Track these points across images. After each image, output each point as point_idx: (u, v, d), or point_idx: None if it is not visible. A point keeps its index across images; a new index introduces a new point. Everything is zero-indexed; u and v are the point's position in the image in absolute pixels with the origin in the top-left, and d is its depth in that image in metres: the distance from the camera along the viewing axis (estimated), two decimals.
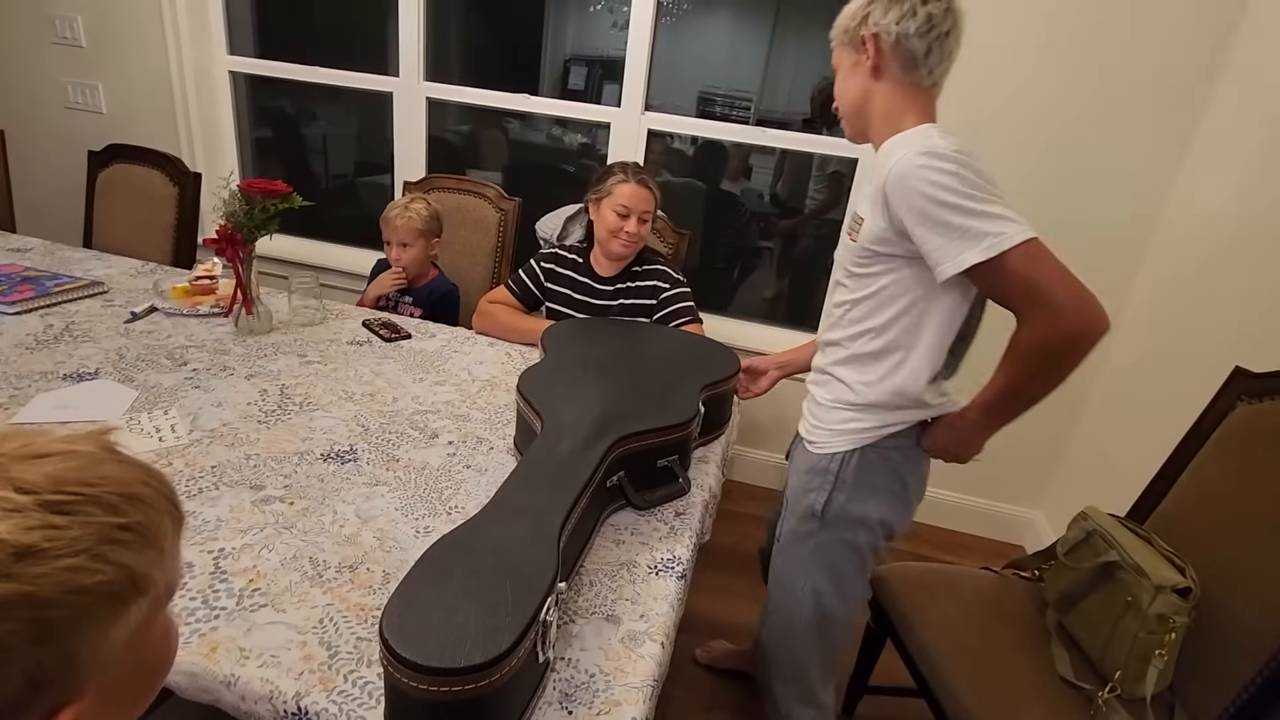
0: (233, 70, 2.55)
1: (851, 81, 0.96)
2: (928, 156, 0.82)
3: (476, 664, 0.57)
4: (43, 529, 0.35)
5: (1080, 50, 1.77)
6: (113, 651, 0.39)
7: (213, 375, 1.28)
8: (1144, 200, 1.86)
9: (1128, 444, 1.87)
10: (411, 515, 0.97)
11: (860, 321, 0.98)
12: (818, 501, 1.03)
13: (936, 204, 0.81)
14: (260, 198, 1.38)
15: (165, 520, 0.42)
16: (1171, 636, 1.09)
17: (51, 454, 0.38)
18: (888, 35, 0.90)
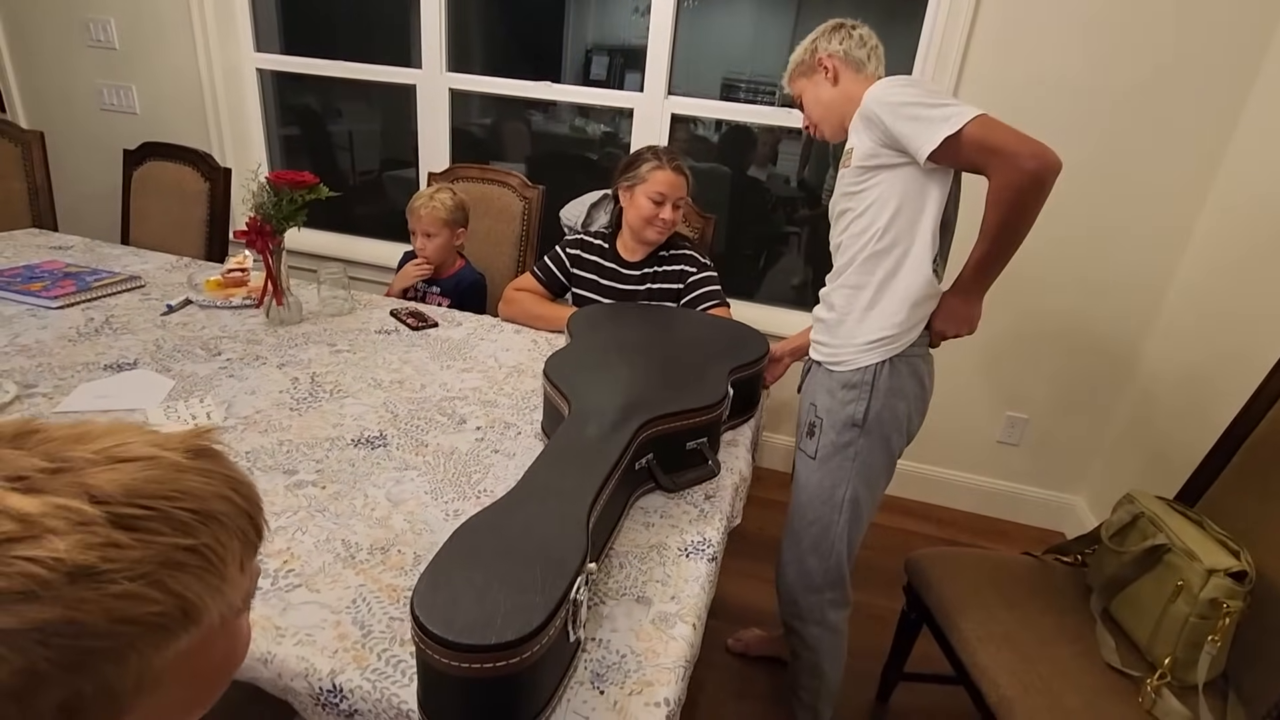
0: (260, 67, 2.58)
1: (818, 96, 1.21)
2: (888, 80, 1.07)
3: (508, 641, 0.57)
4: (104, 547, 0.34)
5: (1125, 34, 1.70)
6: (159, 676, 0.38)
7: (246, 365, 1.30)
8: (1190, 184, 1.78)
9: (1174, 427, 1.80)
10: (441, 499, 0.97)
11: (865, 232, 1.13)
12: (858, 411, 1.15)
13: (907, 104, 1.02)
14: (288, 189, 1.39)
15: (235, 542, 0.40)
16: (1225, 622, 1.05)
17: (136, 459, 0.37)
18: (837, 54, 1.18)
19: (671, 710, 0.70)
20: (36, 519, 0.33)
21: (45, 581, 0.32)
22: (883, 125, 1.04)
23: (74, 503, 0.34)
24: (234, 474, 0.41)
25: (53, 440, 0.36)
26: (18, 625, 0.31)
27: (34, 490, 0.33)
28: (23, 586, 0.31)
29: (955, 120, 0.97)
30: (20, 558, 0.32)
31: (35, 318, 1.41)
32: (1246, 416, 1.26)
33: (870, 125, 1.06)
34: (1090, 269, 1.92)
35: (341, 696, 0.68)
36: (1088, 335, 1.99)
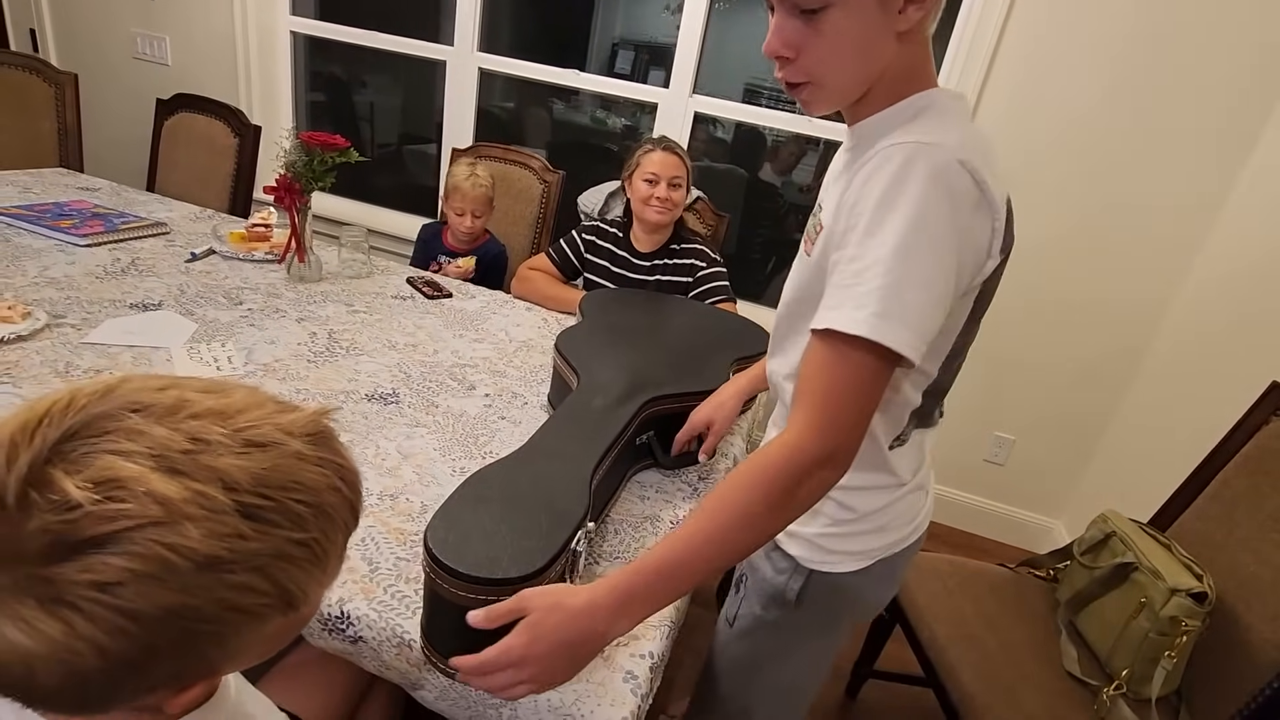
0: (294, 30, 2.61)
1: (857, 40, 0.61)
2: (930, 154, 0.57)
3: (512, 577, 0.61)
4: (230, 538, 0.35)
5: (1144, 68, 1.75)
6: (249, 649, 0.40)
7: (266, 316, 1.34)
8: (1191, 216, 1.83)
9: (1155, 456, 1.85)
10: (449, 456, 1.01)
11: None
12: (792, 585, 0.77)
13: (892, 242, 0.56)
14: (320, 150, 1.43)
15: (339, 536, 0.42)
16: (1183, 640, 1.10)
17: (264, 445, 0.38)
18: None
19: (655, 664, 0.75)
20: (177, 504, 0.34)
21: (176, 568, 0.34)
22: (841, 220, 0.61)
23: (209, 489, 0.35)
24: (344, 462, 0.43)
25: (197, 418, 0.37)
26: (146, 605, 0.34)
27: (175, 472, 0.35)
28: (156, 570, 0.34)
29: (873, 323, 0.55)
30: (158, 542, 0.33)
31: (64, 253, 1.45)
32: (1221, 451, 1.32)
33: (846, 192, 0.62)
34: (1086, 299, 1.97)
35: (348, 623, 0.73)
36: (1079, 363, 2.04)
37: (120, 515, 0.33)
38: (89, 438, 0.34)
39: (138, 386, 0.38)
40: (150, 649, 0.35)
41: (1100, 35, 1.76)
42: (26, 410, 0.35)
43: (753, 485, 0.59)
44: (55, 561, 0.32)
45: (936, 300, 0.57)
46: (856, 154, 0.67)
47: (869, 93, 0.65)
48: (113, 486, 0.33)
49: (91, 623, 0.33)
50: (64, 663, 0.33)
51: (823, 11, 0.59)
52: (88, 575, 0.32)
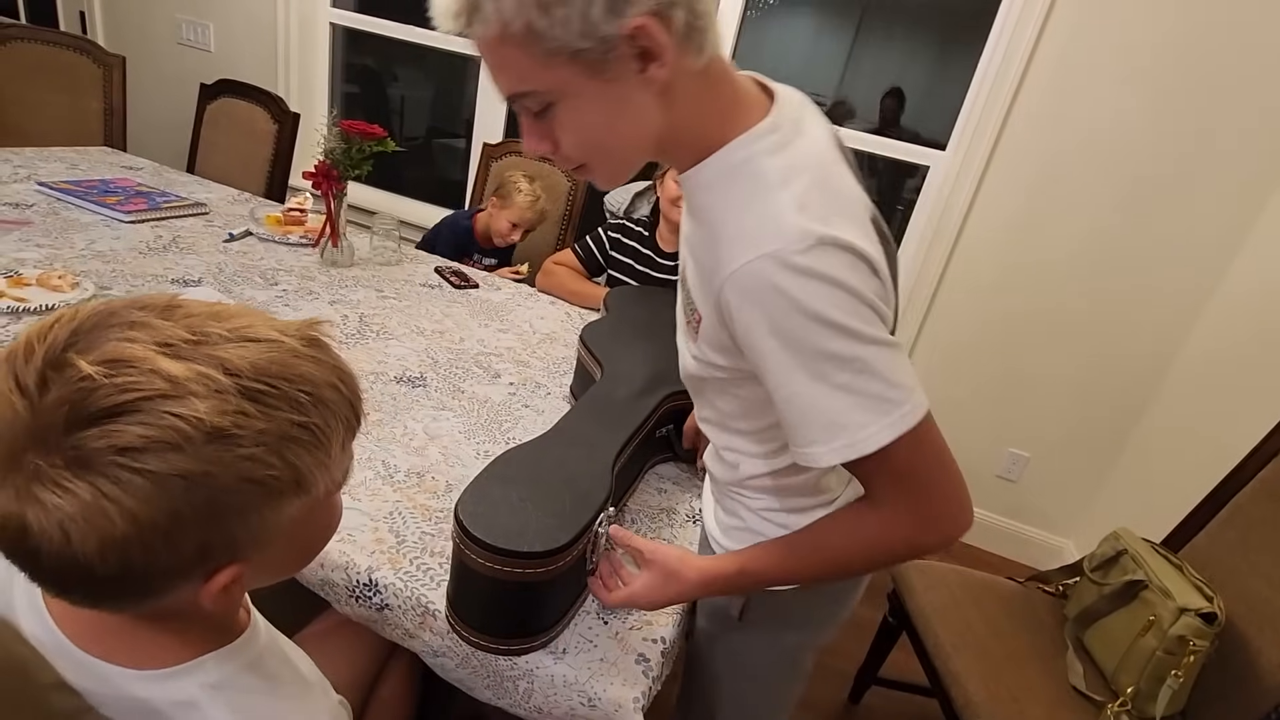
0: (333, 22, 2.67)
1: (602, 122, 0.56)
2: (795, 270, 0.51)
3: (538, 551, 0.64)
4: (236, 414, 0.38)
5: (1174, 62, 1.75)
6: (270, 535, 0.43)
7: (300, 297, 1.38)
8: (1217, 236, 1.83)
9: (1170, 479, 1.85)
10: (473, 440, 1.04)
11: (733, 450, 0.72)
12: (734, 604, 0.77)
13: (817, 355, 0.53)
14: (359, 138, 1.47)
15: (339, 425, 0.45)
16: (1190, 660, 1.10)
17: (261, 340, 0.41)
18: (673, 6, 0.51)
19: (666, 649, 0.77)
20: (182, 381, 0.37)
21: (188, 436, 0.37)
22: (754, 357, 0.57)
23: (211, 371, 0.39)
24: (340, 364, 0.47)
25: (193, 316, 0.42)
26: (166, 470, 0.37)
27: (179, 357, 0.38)
28: (170, 438, 0.37)
29: (906, 416, 0.55)
30: (169, 413, 0.37)
31: (109, 228, 1.50)
32: (1238, 475, 1.31)
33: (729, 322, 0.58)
34: (1108, 319, 1.97)
35: (375, 591, 0.75)
36: (1098, 384, 2.03)
37: (130, 387, 0.36)
38: (97, 330, 0.38)
39: (136, 298, 0.42)
40: (176, 515, 0.38)
41: (1133, 43, 1.75)
42: (38, 322, 0.40)
43: (865, 553, 0.64)
44: (76, 429, 0.36)
45: (899, 355, 0.56)
46: (694, 218, 0.63)
47: (668, 150, 0.60)
48: (122, 365, 0.37)
49: (117, 485, 0.36)
50: (98, 527, 0.36)
51: (551, 109, 0.55)
52: (106, 440, 0.36)
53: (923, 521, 0.60)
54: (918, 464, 0.58)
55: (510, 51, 0.51)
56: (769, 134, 0.57)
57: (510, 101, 0.56)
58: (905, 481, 0.58)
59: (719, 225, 0.57)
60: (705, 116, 0.58)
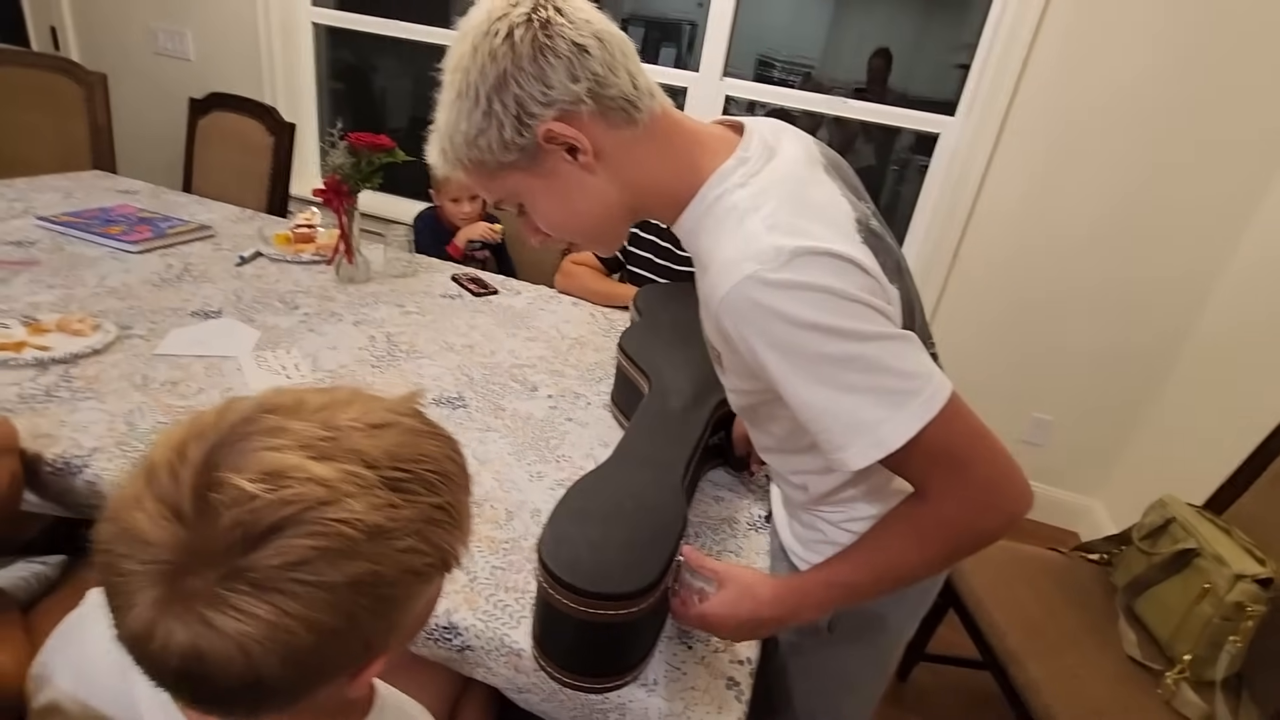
0: (315, 22, 2.59)
1: (549, 202, 0.64)
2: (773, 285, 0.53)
3: (628, 591, 0.63)
4: (387, 508, 0.39)
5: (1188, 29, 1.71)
6: (416, 617, 0.44)
7: (322, 320, 1.36)
8: (1237, 195, 1.81)
9: (1199, 437, 1.85)
10: (523, 461, 1.03)
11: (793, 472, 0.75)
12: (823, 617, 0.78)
13: (818, 360, 0.54)
14: (367, 151, 1.43)
15: (465, 497, 0.45)
16: (1248, 624, 1.11)
17: (385, 425, 0.41)
18: (574, 103, 0.57)
19: (752, 668, 0.76)
20: (335, 484, 0.37)
21: (353, 539, 0.37)
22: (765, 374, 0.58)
23: (356, 468, 0.38)
24: (447, 434, 0.47)
25: (319, 409, 0.41)
26: (340, 579, 0.37)
27: (325, 457, 0.38)
28: (338, 544, 0.37)
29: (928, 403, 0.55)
30: (332, 519, 0.37)
31: (118, 261, 1.46)
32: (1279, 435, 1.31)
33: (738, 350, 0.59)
34: (1128, 280, 1.96)
35: (456, 634, 0.75)
36: (1121, 342, 2.03)
37: (293, 499, 0.36)
38: (238, 442, 0.38)
39: (255, 399, 0.41)
40: (351, 617, 0.38)
41: (1148, 7, 1.72)
42: (164, 440, 0.39)
43: (939, 543, 0.62)
44: (248, 551, 0.35)
45: (907, 344, 0.56)
46: (697, 263, 0.65)
47: (647, 210, 0.66)
48: (280, 477, 0.36)
49: (296, 600, 0.36)
50: (281, 643, 0.36)
51: (523, 209, 0.66)
52: (281, 558, 0.35)
53: (976, 506, 0.59)
54: (954, 448, 0.57)
55: (476, 177, 0.63)
56: (737, 169, 0.61)
57: (497, 206, 0.70)
58: (945, 468, 0.58)
59: (707, 262, 0.60)
60: (667, 172, 0.63)
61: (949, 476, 0.58)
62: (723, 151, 0.62)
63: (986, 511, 0.59)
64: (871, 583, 0.65)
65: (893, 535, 0.64)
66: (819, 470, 0.72)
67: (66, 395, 1.00)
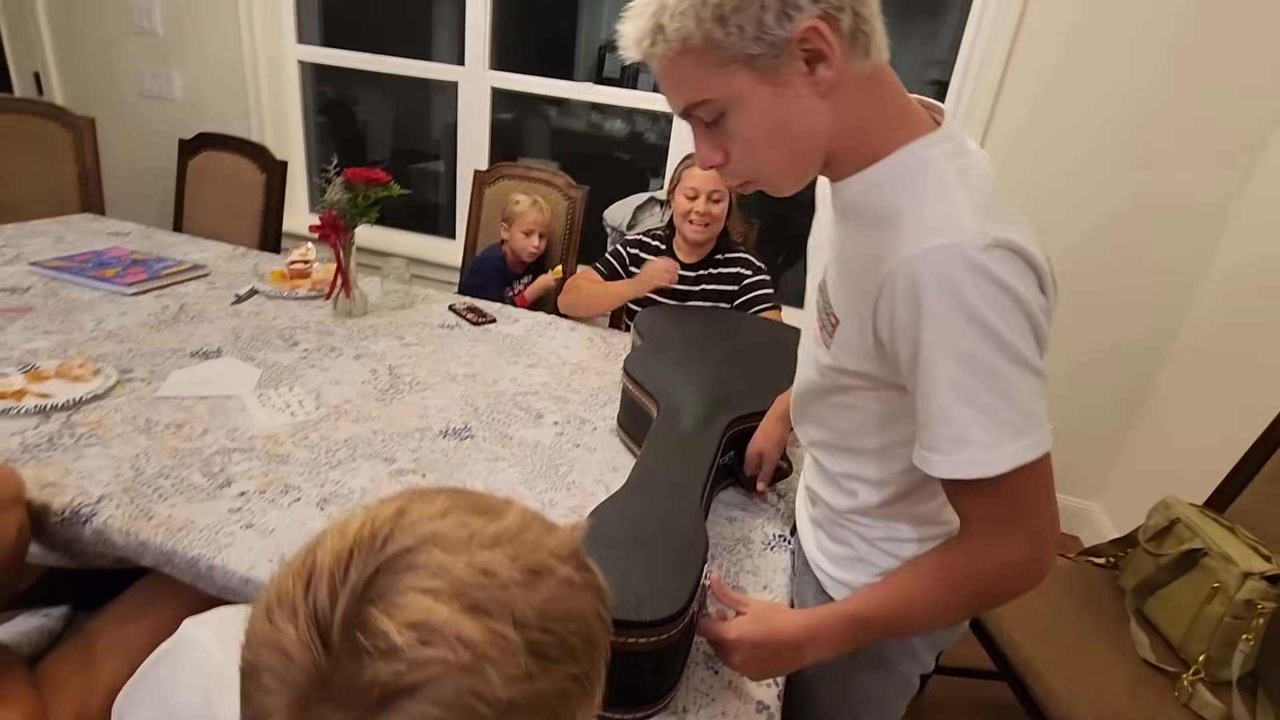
0: (302, 59, 2.61)
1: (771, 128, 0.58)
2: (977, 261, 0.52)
3: (660, 619, 0.63)
4: (523, 680, 0.36)
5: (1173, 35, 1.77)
6: None
7: (324, 355, 1.35)
8: (1220, 197, 1.86)
9: (1195, 437, 1.88)
10: (535, 489, 1.02)
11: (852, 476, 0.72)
12: None
13: (965, 359, 0.53)
14: (363, 185, 1.44)
15: (601, 664, 0.42)
16: (1259, 622, 1.12)
17: (542, 574, 0.38)
18: (839, 9, 0.54)
19: (780, 690, 0.76)
20: (481, 647, 0.35)
21: (482, 715, 0.34)
22: (897, 354, 0.58)
23: (504, 629, 0.36)
24: (600, 581, 0.44)
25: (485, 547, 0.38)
26: None
27: (476, 610, 0.36)
28: (466, 718, 0.34)
29: (1034, 443, 0.55)
30: (468, 689, 0.34)
31: (113, 304, 1.45)
32: (1274, 432, 1.34)
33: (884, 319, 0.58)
34: (1115, 283, 2.00)
35: None
36: (1112, 342, 2.06)
37: (434, 661, 0.34)
38: (399, 573, 0.36)
39: (425, 514, 0.39)
40: None
41: (1133, 16, 1.77)
42: (334, 542, 0.37)
43: (965, 591, 0.62)
44: (379, 709, 0.34)
45: (1031, 389, 0.55)
46: (850, 220, 0.63)
47: (834, 157, 0.61)
48: (427, 630, 0.34)
49: None
50: None
51: (723, 119, 0.58)
52: (406, 717, 0.34)
53: (1013, 565, 0.60)
54: (1022, 502, 0.57)
55: (688, 65, 0.55)
56: (944, 141, 0.59)
57: (684, 115, 0.60)
58: (1003, 517, 0.58)
59: (893, 218, 0.57)
60: (873, 122, 0.59)
61: (1002, 526, 0.58)
62: (925, 123, 0.60)
63: (1019, 574, 0.60)
64: (888, 621, 0.65)
65: (922, 575, 0.64)
66: (875, 479, 0.71)
67: (70, 443, 0.99)
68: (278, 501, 0.93)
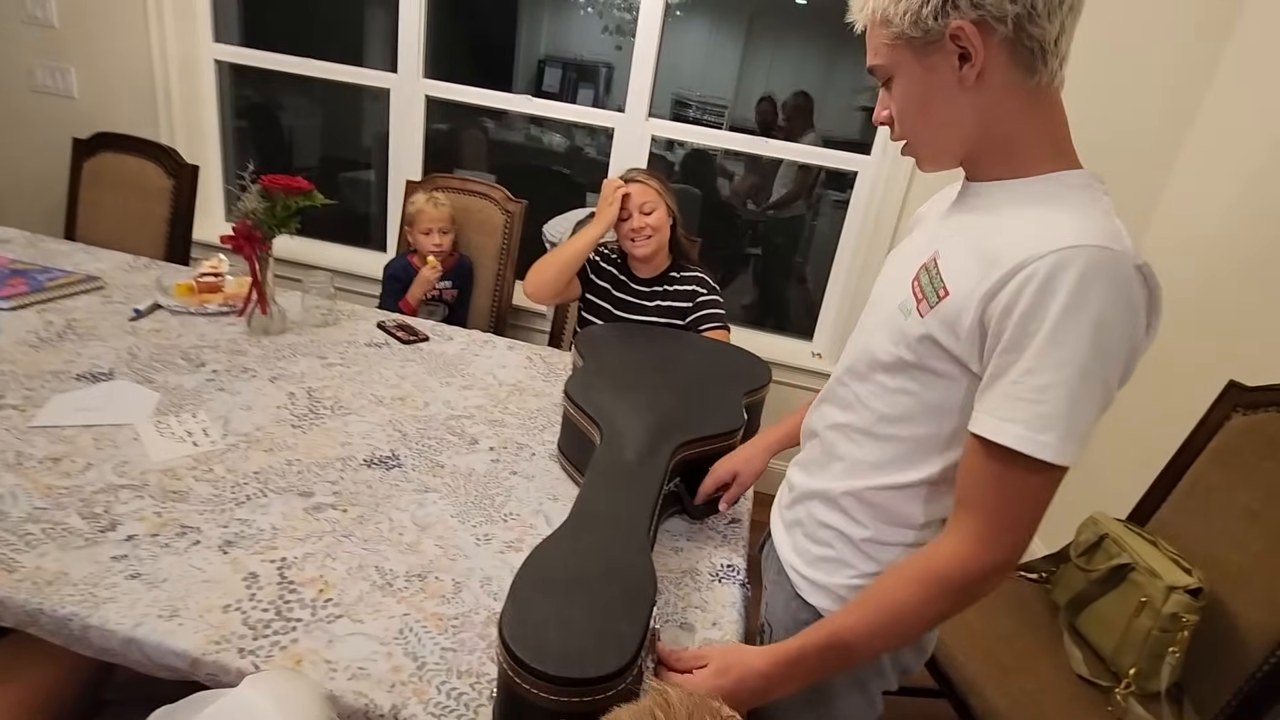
0: (219, 59, 2.45)
1: (920, 100, 0.65)
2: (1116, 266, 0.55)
3: (606, 673, 0.57)
4: None
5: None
6: None
7: (234, 377, 1.24)
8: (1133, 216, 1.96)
9: (1118, 453, 1.96)
10: (468, 522, 0.95)
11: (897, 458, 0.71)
12: None
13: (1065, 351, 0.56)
14: (282, 194, 1.33)
15: None
16: (1184, 634, 1.16)
17: None
18: (998, 20, 0.58)
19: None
20: None
21: None
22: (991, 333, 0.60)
23: None
24: None
25: None
26: None
27: None
28: None
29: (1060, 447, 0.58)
30: None
31: None
32: (1189, 447, 1.40)
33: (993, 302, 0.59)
34: None
35: None
36: None
37: None
38: None
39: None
40: None
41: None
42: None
43: (928, 593, 0.63)
44: None
45: (1100, 411, 0.60)
46: (991, 213, 0.65)
47: (979, 155, 0.67)
48: None
49: None
50: None
51: (890, 83, 0.67)
52: None
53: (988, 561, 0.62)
54: (1026, 503, 0.61)
55: (878, 33, 0.65)
56: (1099, 181, 0.64)
57: (871, 74, 0.69)
58: (1010, 513, 0.61)
59: (1050, 216, 0.60)
60: (1024, 138, 0.64)
61: (1002, 524, 0.61)
62: (1074, 159, 0.65)
63: (990, 571, 0.62)
64: (867, 630, 0.65)
65: (893, 581, 0.66)
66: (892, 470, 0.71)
67: None
68: (172, 545, 0.82)
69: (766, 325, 2.59)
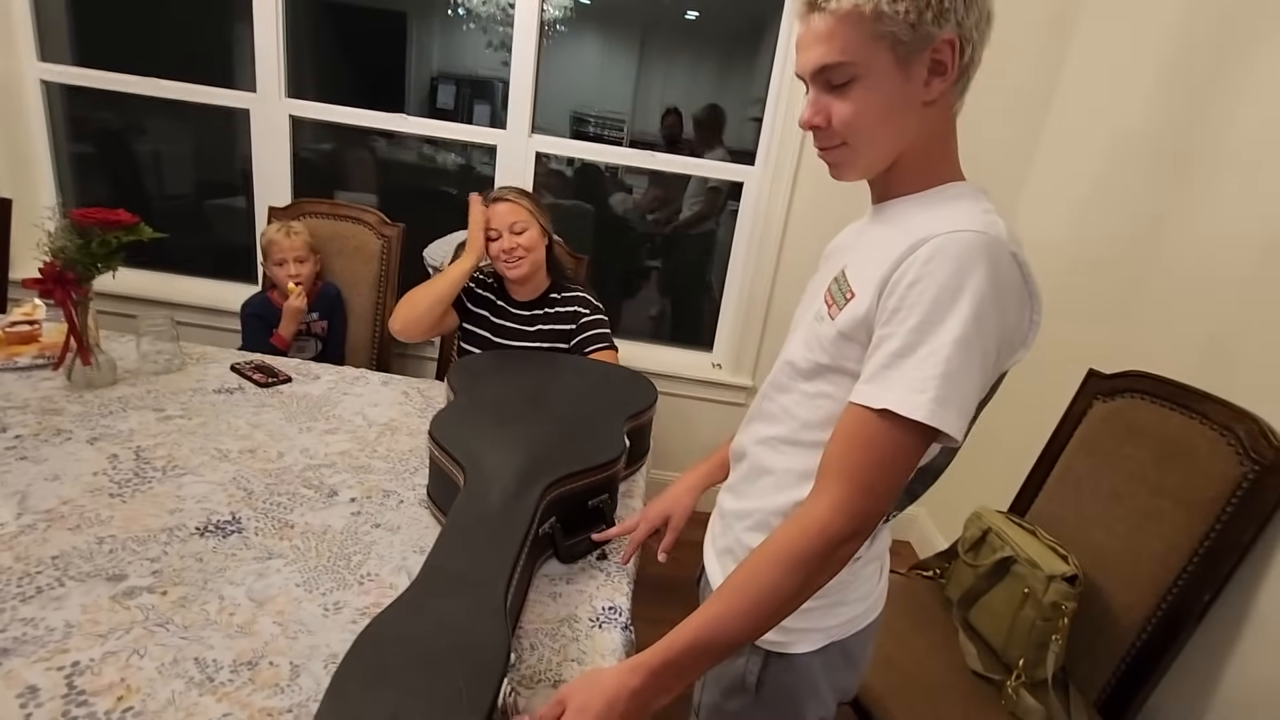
0: (45, 80, 2.20)
1: (881, 108, 0.63)
2: (991, 247, 0.58)
3: None
4: None
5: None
6: None
7: (43, 442, 1.07)
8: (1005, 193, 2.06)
9: (1002, 444, 2.05)
10: (316, 590, 0.85)
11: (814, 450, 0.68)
12: (750, 669, 0.76)
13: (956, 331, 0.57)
14: (98, 229, 1.18)
15: None
16: (1064, 622, 1.19)
17: None
18: (967, 42, 0.62)
19: None
20: None
21: None
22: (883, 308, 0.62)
23: None
24: None
25: None
26: None
27: None
28: None
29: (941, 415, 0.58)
30: None
31: None
32: (1057, 437, 1.47)
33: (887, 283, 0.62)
34: None
35: None
36: None
37: None
38: None
39: None
40: None
41: None
42: None
43: (784, 566, 0.61)
44: None
45: (979, 388, 0.61)
46: (883, 227, 0.69)
47: (896, 167, 0.68)
48: None
49: None
50: None
51: (850, 84, 0.63)
52: None
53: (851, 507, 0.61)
54: (895, 463, 0.61)
55: (848, 27, 0.61)
56: (983, 193, 0.68)
57: (816, 73, 0.64)
58: (868, 475, 0.61)
59: (931, 219, 0.62)
60: (936, 154, 0.68)
61: (859, 484, 0.60)
62: (963, 177, 0.70)
63: (849, 535, 0.61)
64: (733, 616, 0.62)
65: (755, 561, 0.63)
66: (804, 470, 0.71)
67: None
68: None
69: (668, 338, 2.57)
